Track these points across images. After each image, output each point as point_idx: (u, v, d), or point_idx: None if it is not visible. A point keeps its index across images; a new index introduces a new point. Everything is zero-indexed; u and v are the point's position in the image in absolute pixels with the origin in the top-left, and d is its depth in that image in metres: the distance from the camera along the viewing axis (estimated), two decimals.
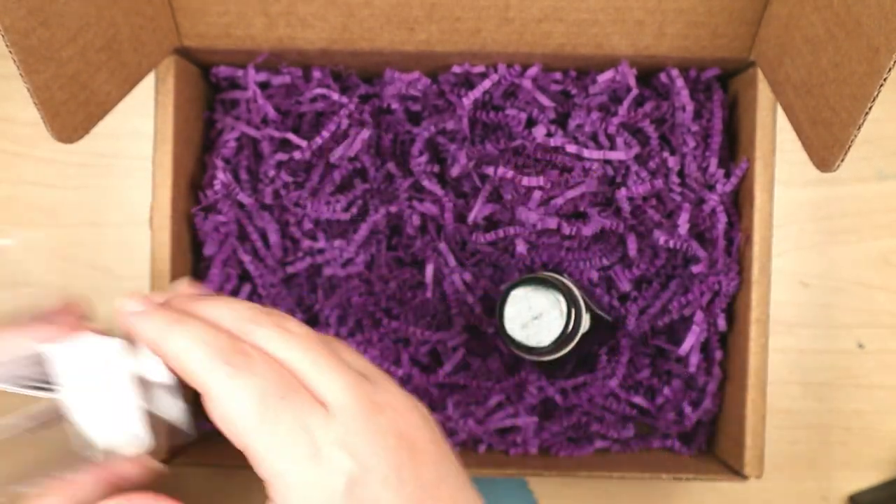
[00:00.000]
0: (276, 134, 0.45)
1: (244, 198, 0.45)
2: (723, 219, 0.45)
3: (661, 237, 0.44)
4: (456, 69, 0.45)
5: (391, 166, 0.46)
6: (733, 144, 0.46)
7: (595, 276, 0.46)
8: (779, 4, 0.39)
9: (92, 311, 0.33)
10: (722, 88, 0.47)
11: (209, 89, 0.48)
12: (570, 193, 0.44)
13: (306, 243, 0.46)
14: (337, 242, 0.46)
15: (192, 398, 0.27)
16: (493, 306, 0.46)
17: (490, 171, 0.44)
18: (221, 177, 0.45)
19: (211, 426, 0.47)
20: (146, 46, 0.40)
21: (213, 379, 0.24)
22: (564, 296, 0.36)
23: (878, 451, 0.53)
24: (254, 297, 0.47)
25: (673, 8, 0.41)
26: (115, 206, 0.53)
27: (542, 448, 0.47)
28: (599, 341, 0.45)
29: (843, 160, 0.34)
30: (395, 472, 0.24)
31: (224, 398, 0.24)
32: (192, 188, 0.46)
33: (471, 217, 0.44)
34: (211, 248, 0.46)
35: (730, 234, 0.45)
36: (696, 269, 0.45)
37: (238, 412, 0.24)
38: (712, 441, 0.48)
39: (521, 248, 0.44)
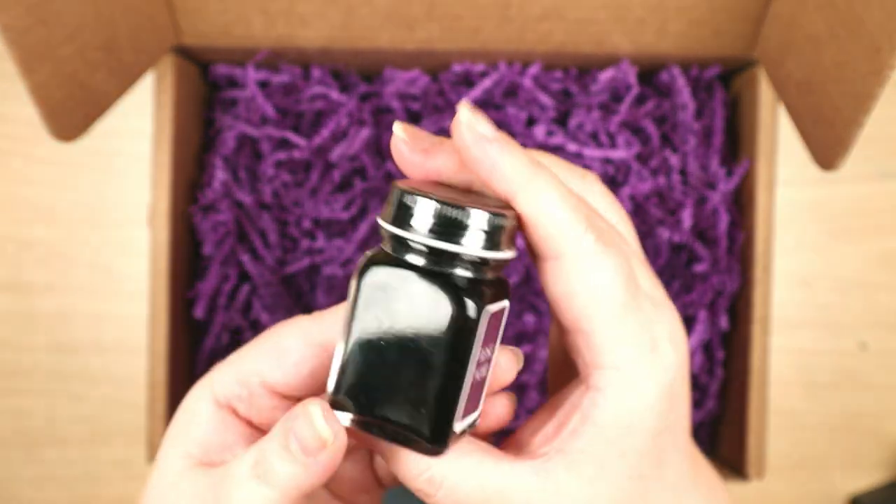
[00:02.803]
0: (276, 133, 0.45)
1: (243, 197, 0.45)
2: (725, 218, 0.44)
3: (664, 233, 0.44)
4: (456, 68, 0.45)
5: (391, 165, 0.46)
6: (735, 143, 0.46)
7: None
8: (781, 2, 0.39)
9: None
10: (724, 87, 0.46)
11: (208, 88, 0.48)
12: None
13: (305, 243, 0.46)
14: (336, 242, 0.46)
15: None
16: None
17: None
18: (220, 176, 0.45)
19: None
20: (145, 45, 0.40)
21: (579, 245, 0.21)
22: None
23: (880, 452, 0.53)
24: (253, 296, 0.47)
25: (674, 6, 0.41)
26: (114, 205, 0.53)
27: None
28: None
29: (845, 159, 0.34)
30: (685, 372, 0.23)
31: (588, 269, 0.21)
32: (191, 187, 0.46)
33: None
34: (210, 248, 0.46)
35: (732, 234, 0.45)
36: (699, 268, 0.45)
37: (603, 291, 0.21)
38: (714, 441, 0.47)
39: (520, 243, 0.44)
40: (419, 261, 0.20)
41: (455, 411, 0.20)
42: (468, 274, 0.20)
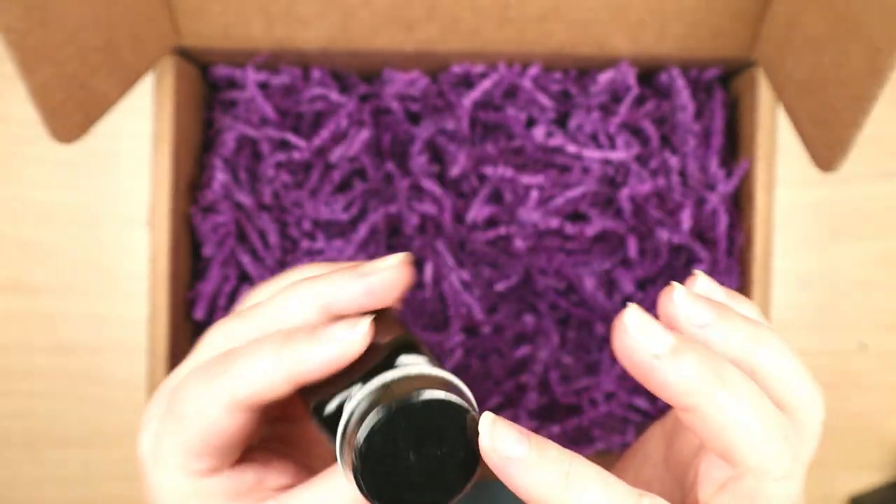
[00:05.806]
0: (275, 134, 0.45)
1: (243, 198, 0.45)
2: (724, 219, 0.44)
3: (664, 234, 0.44)
4: (455, 69, 0.45)
5: (390, 166, 0.46)
6: (734, 144, 0.46)
7: (595, 280, 0.46)
8: (780, 3, 0.39)
9: None
10: (723, 88, 0.46)
11: (208, 89, 0.48)
12: (570, 194, 0.44)
13: (305, 244, 0.46)
14: (336, 243, 0.46)
15: None
16: (494, 305, 0.46)
17: (489, 171, 0.44)
18: (220, 177, 0.45)
19: None
20: (145, 46, 0.40)
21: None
22: None
23: (879, 453, 0.53)
24: None
25: (674, 7, 0.41)
26: (114, 206, 0.53)
27: None
28: None
29: (844, 160, 0.34)
30: None
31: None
32: (191, 188, 0.46)
33: (469, 217, 0.44)
34: (210, 249, 0.46)
35: (731, 235, 0.45)
36: (698, 269, 0.45)
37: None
38: None
39: (519, 244, 0.44)
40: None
41: None
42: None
